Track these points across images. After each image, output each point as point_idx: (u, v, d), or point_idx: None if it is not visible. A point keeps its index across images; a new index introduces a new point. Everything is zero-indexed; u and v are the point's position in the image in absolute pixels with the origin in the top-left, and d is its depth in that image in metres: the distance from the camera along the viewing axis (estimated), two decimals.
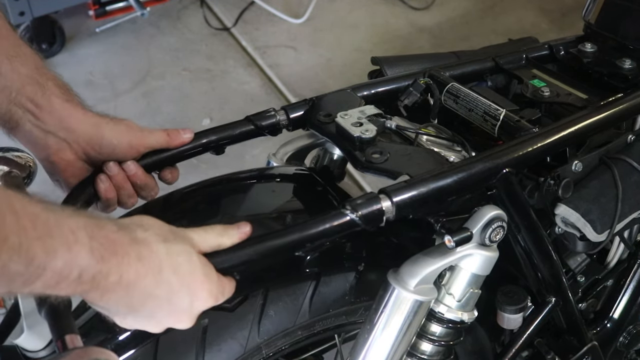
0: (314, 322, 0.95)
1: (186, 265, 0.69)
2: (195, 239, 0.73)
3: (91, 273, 0.61)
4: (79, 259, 0.60)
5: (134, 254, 0.65)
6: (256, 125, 0.98)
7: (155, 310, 0.69)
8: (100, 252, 0.62)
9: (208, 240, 0.74)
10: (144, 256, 0.66)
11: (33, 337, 0.78)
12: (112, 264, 0.63)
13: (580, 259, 1.17)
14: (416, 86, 1.07)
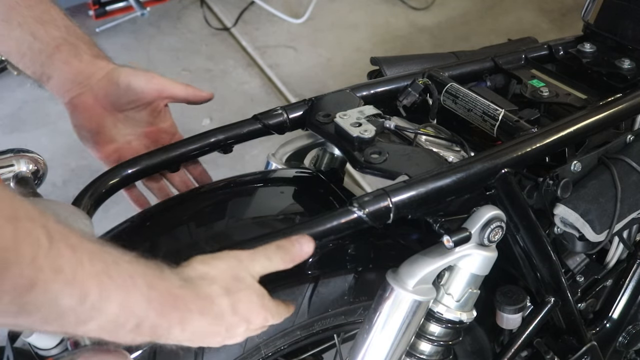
0: (313, 322, 0.95)
1: (246, 306, 0.70)
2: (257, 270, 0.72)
3: (149, 325, 0.61)
4: (135, 307, 0.59)
5: (197, 309, 0.65)
6: (264, 124, 0.98)
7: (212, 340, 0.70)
8: (159, 303, 0.61)
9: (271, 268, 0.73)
10: (206, 311, 0.66)
11: (45, 336, 0.78)
12: (172, 318, 0.62)
13: (580, 259, 1.17)
14: (415, 86, 1.07)
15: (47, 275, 0.51)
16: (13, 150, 0.87)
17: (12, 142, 2.55)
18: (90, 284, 0.55)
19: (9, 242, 0.49)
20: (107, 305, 0.56)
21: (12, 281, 0.50)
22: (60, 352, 0.79)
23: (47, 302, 0.52)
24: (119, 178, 0.91)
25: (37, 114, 2.67)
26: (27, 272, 0.50)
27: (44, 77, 0.94)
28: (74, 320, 0.55)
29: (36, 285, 0.51)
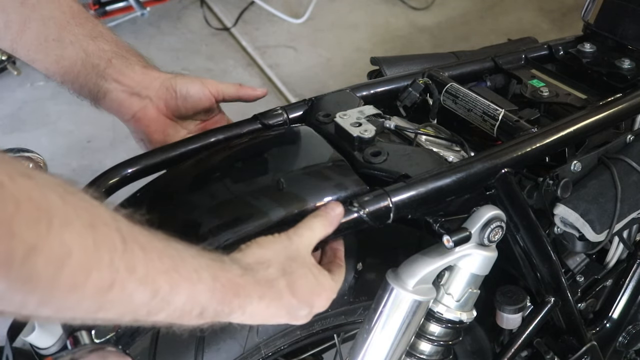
0: (313, 322, 0.95)
1: (305, 287, 0.73)
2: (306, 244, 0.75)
3: (212, 311, 0.64)
4: (200, 298, 0.62)
5: (257, 294, 0.68)
6: (264, 124, 0.98)
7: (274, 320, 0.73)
8: (222, 293, 0.64)
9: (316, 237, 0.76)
10: (266, 295, 0.69)
11: (44, 335, 0.79)
12: (234, 305, 0.66)
13: (580, 259, 1.17)
14: (415, 86, 1.07)
15: (123, 276, 0.55)
16: (13, 150, 0.87)
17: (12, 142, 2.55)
18: (160, 280, 0.58)
19: (90, 248, 0.52)
20: (175, 298, 0.60)
21: (94, 284, 0.53)
22: (59, 351, 0.79)
23: (123, 300, 0.56)
24: (119, 177, 0.91)
25: (37, 114, 2.67)
26: (106, 274, 0.54)
27: (100, 94, 0.94)
28: (146, 312, 0.59)
29: (114, 286, 0.54)
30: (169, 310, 0.60)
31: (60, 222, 0.50)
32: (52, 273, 0.50)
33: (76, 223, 0.52)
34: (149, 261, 0.58)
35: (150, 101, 0.96)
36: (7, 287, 0.49)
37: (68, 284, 0.51)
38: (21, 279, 0.49)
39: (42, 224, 0.49)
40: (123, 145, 2.47)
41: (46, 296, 0.51)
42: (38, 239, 0.49)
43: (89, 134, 2.55)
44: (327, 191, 0.82)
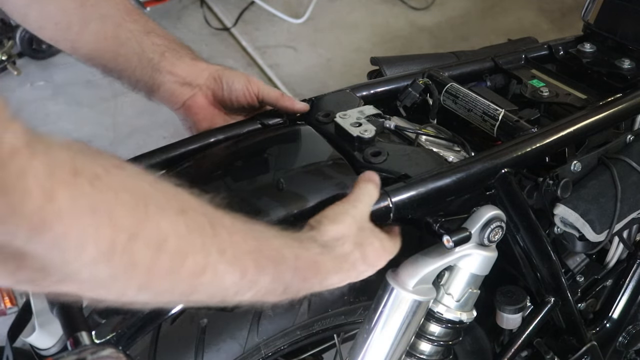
0: (313, 322, 0.95)
1: (373, 254, 0.77)
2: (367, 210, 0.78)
3: (294, 289, 0.67)
4: (284, 276, 0.65)
5: (334, 270, 0.72)
6: (263, 124, 0.98)
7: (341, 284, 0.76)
8: (303, 272, 0.67)
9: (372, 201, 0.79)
10: (342, 268, 0.73)
11: (44, 336, 0.79)
12: (314, 282, 0.70)
13: (580, 259, 1.16)
14: (415, 86, 1.07)
15: (215, 258, 0.57)
16: None
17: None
18: (247, 261, 0.60)
19: (184, 233, 0.54)
20: (261, 278, 0.62)
21: (189, 268, 0.55)
22: (59, 351, 0.79)
23: (215, 282, 0.58)
24: None
25: (37, 114, 2.67)
26: (200, 258, 0.56)
27: (154, 86, 0.97)
28: (233, 293, 0.61)
29: (207, 269, 0.57)
30: (255, 290, 0.62)
31: (154, 209, 0.52)
32: (150, 259, 0.52)
33: (169, 209, 0.54)
34: (236, 243, 0.60)
35: (200, 90, 0.99)
36: (109, 275, 0.50)
37: (165, 268, 0.53)
38: (122, 265, 0.50)
39: (140, 211, 0.51)
40: (123, 145, 2.48)
41: (145, 282, 0.53)
42: (137, 226, 0.51)
43: (89, 134, 2.55)
44: (327, 190, 0.82)
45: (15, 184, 0.43)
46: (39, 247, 0.46)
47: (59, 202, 0.45)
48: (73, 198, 0.46)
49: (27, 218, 0.44)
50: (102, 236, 0.48)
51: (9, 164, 0.42)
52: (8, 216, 0.43)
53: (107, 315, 0.81)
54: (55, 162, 0.46)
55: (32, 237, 0.45)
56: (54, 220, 0.45)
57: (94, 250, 0.48)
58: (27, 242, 0.45)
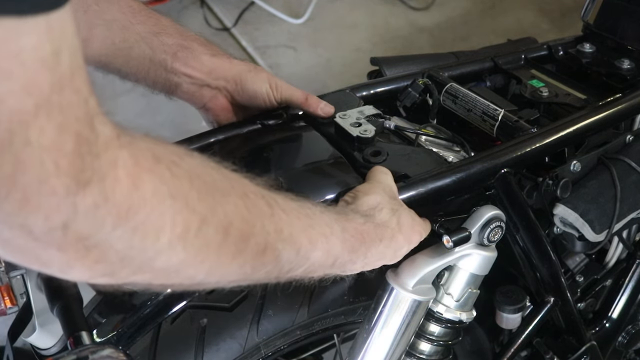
0: (313, 322, 0.95)
1: (407, 223, 0.79)
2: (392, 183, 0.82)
3: (342, 261, 0.70)
4: (334, 249, 0.68)
5: (377, 237, 0.74)
6: (263, 124, 0.98)
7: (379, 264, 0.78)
8: (351, 243, 0.70)
9: None
10: (384, 236, 0.75)
11: (45, 335, 0.79)
12: (360, 252, 0.72)
13: (579, 258, 1.17)
14: (415, 86, 1.07)
15: (273, 237, 0.60)
16: None
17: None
18: (301, 237, 0.63)
19: (247, 216, 0.57)
20: (314, 253, 0.65)
21: (252, 250, 0.58)
22: (59, 351, 0.80)
23: (273, 260, 0.61)
24: None
25: None
26: (260, 239, 0.58)
27: (172, 87, 0.96)
28: (288, 269, 0.64)
29: (267, 248, 0.59)
30: (307, 265, 0.65)
31: (221, 194, 0.55)
32: (219, 242, 0.54)
33: (232, 194, 0.56)
34: (291, 221, 0.62)
35: (219, 92, 0.97)
36: (182, 260, 0.52)
37: (232, 251, 0.56)
38: (195, 250, 0.52)
39: (210, 196, 0.53)
40: None
41: (214, 265, 0.55)
42: (208, 211, 0.53)
43: None
44: (327, 188, 0.83)
45: (108, 173, 0.45)
46: (122, 235, 0.47)
47: (144, 189, 0.47)
48: (155, 184, 0.48)
49: (116, 205, 0.46)
50: (179, 221, 0.50)
51: (102, 154, 0.45)
52: (101, 204, 0.45)
53: (108, 314, 0.81)
54: (139, 151, 0.48)
55: (118, 225, 0.47)
56: (140, 206, 0.47)
57: (170, 235, 0.50)
58: (113, 230, 0.47)
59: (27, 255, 0.46)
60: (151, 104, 2.65)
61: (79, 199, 0.44)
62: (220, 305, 0.87)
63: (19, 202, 0.42)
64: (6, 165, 0.40)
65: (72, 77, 0.43)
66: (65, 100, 0.42)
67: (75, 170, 0.43)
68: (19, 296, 0.79)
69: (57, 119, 0.42)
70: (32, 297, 0.77)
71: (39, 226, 0.43)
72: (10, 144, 0.40)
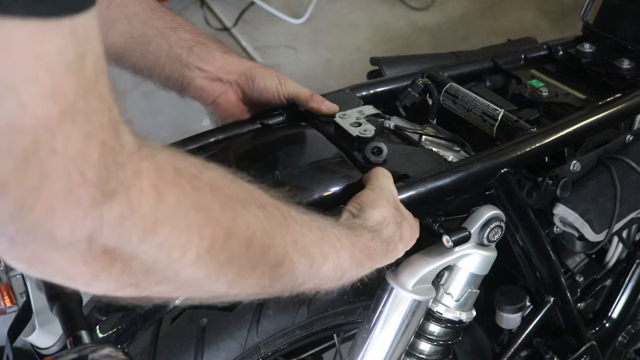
0: (313, 322, 0.95)
1: (408, 233, 0.80)
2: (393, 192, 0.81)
3: (350, 275, 0.70)
4: (344, 264, 0.67)
5: (383, 252, 0.75)
6: (263, 124, 0.98)
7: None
8: (359, 258, 0.70)
9: None
10: (389, 251, 0.76)
11: (44, 335, 0.79)
12: (366, 267, 0.73)
13: (579, 258, 1.17)
14: (415, 86, 1.07)
15: (290, 249, 0.59)
16: None
17: None
18: (314, 250, 0.63)
19: (267, 227, 0.56)
20: (325, 266, 0.65)
21: (271, 261, 0.57)
22: (59, 351, 0.80)
23: (289, 272, 0.60)
24: None
25: None
26: (279, 249, 0.58)
27: (185, 82, 0.97)
28: (301, 282, 0.63)
29: (284, 260, 0.59)
30: (318, 278, 0.65)
31: (242, 206, 0.54)
32: (243, 254, 0.54)
33: (252, 205, 0.56)
34: (304, 233, 0.62)
35: (231, 87, 0.98)
36: (206, 274, 0.51)
37: (253, 263, 0.55)
38: (220, 263, 0.52)
39: (231, 209, 0.53)
40: None
41: (236, 278, 0.55)
42: (231, 223, 0.52)
43: None
44: (329, 184, 0.83)
45: (133, 184, 0.44)
46: (149, 249, 0.46)
47: (168, 201, 0.46)
48: (178, 197, 0.47)
49: (143, 218, 0.45)
50: (204, 234, 0.49)
51: (127, 165, 0.43)
52: (127, 215, 0.44)
53: (107, 313, 0.81)
54: (161, 163, 0.47)
55: (145, 238, 0.46)
56: (166, 219, 0.46)
57: (197, 249, 0.49)
58: (140, 244, 0.46)
59: (52, 269, 0.45)
60: (152, 105, 2.65)
61: (105, 210, 0.43)
62: (220, 305, 0.87)
63: (44, 213, 0.40)
64: (32, 176, 0.39)
65: (96, 83, 0.42)
66: (90, 106, 0.41)
67: (101, 180, 0.42)
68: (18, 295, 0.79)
69: (82, 127, 0.40)
70: (31, 296, 0.77)
71: (64, 238, 0.42)
72: (36, 154, 0.39)
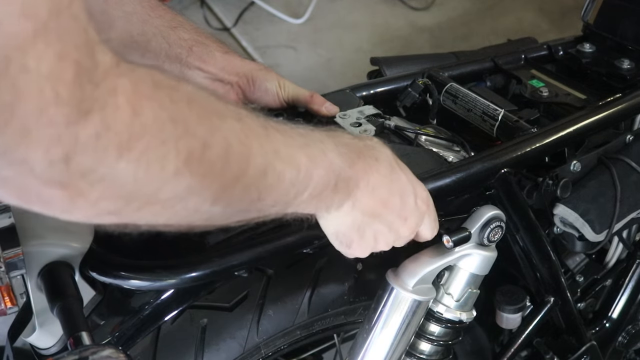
0: (313, 322, 0.95)
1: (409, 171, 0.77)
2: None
3: (344, 179, 0.68)
4: (334, 164, 0.66)
5: (371, 156, 0.72)
6: None
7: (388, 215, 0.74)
8: (347, 156, 0.68)
9: None
10: (379, 158, 0.73)
11: (44, 335, 0.79)
12: (359, 168, 0.70)
13: (579, 258, 1.17)
14: (415, 86, 1.07)
15: (272, 158, 0.59)
16: None
17: None
18: (300, 156, 0.62)
19: (244, 138, 0.56)
20: (315, 171, 0.64)
21: (252, 172, 0.57)
22: (59, 351, 0.79)
23: (276, 182, 0.60)
24: None
25: None
26: (260, 159, 0.58)
27: None
28: (294, 194, 0.63)
29: (268, 169, 0.59)
30: (312, 186, 0.64)
31: (218, 117, 0.55)
32: (221, 166, 0.54)
33: (229, 117, 0.56)
34: (286, 141, 0.62)
35: (232, 87, 0.98)
36: (187, 188, 0.52)
37: (234, 174, 0.55)
38: (199, 175, 0.52)
39: (208, 120, 0.53)
40: None
41: (218, 191, 0.55)
42: (208, 135, 0.52)
43: None
44: None
45: (108, 101, 0.44)
46: (127, 166, 0.47)
47: (145, 116, 0.47)
48: (155, 111, 0.48)
49: (118, 134, 0.45)
50: (182, 146, 0.50)
51: (102, 83, 0.44)
52: (102, 133, 0.44)
53: (108, 315, 0.81)
54: (139, 78, 0.47)
55: (121, 155, 0.46)
56: (141, 133, 0.47)
57: (175, 162, 0.50)
58: (116, 162, 0.46)
59: (27, 194, 0.45)
60: None
61: (80, 129, 0.43)
62: (220, 305, 0.87)
63: (18, 133, 0.41)
64: (4, 93, 0.39)
65: (70, 3, 0.42)
66: (63, 26, 0.41)
67: (75, 99, 0.42)
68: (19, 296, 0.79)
69: (55, 46, 0.41)
70: (32, 297, 0.77)
71: (39, 159, 0.42)
72: (7, 71, 0.39)
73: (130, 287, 0.77)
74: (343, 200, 0.70)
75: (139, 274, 0.76)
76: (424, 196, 0.77)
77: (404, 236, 0.77)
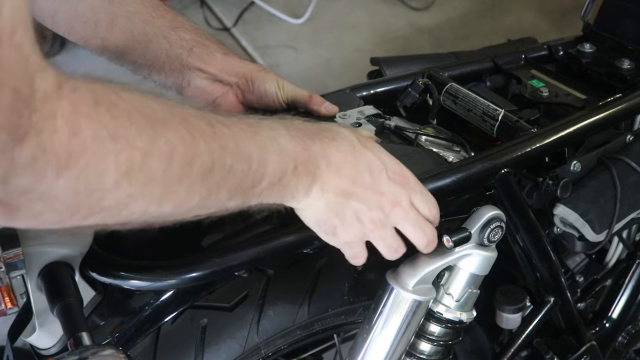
0: (313, 322, 0.95)
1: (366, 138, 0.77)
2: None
3: (302, 162, 0.68)
4: (287, 149, 0.67)
5: (327, 137, 0.73)
6: None
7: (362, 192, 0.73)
8: (300, 139, 0.69)
9: None
10: (335, 137, 0.73)
11: (44, 336, 0.79)
12: (316, 149, 0.70)
13: (579, 258, 1.17)
14: (415, 86, 1.07)
15: (219, 154, 0.60)
16: None
17: None
18: (248, 146, 0.63)
19: (189, 140, 0.58)
20: (268, 157, 0.65)
21: (199, 170, 0.59)
22: (59, 352, 0.79)
23: (226, 175, 0.61)
24: None
25: None
26: (205, 158, 0.59)
27: (184, 82, 0.97)
28: (250, 184, 0.64)
29: (214, 166, 0.60)
30: (269, 174, 0.65)
31: (161, 124, 0.56)
32: (164, 169, 0.56)
33: (172, 121, 0.57)
34: (234, 134, 0.63)
35: (231, 88, 0.98)
36: (129, 194, 0.54)
37: (178, 175, 0.57)
38: (141, 182, 0.54)
39: (150, 129, 0.55)
40: None
41: (163, 193, 0.57)
42: (150, 144, 0.54)
43: None
44: None
45: (45, 126, 0.46)
46: (66, 184, 0.49)
47: (83, 135, 0.49)
48: (95, 129, 0.50)
49: (55, 155, 0.47)
50: (121, 160, 0.52)
51: (40, 108, 0.46)
52: (39, 156, 0.46)
53: (108, 315, 0.81)
54: (79, 98, 0.49)
55: (60, 174, 0.48)
56: (80, 152, 0.49)
57: (115, 174, 0.52)
58: (55, 180, 0.48)
59: None
60: None
61: (15, 153, 0.45)
62: (220, 305, 0.87)
63: None
64: None
65: (12, 33, 0.44)
66: (2, 56, 0.43)
67: (11, 125, 0.44)
68: (19, 296, 0.79)
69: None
70: (32, 297, 0.77)
71: None
72: None
73: (130, 287, 0.77)
74: (309, 184, 0.70)
75: (139, 274, 0.76)
76: (396, 169, 0.77)
77: (391, 212, 0.76)
